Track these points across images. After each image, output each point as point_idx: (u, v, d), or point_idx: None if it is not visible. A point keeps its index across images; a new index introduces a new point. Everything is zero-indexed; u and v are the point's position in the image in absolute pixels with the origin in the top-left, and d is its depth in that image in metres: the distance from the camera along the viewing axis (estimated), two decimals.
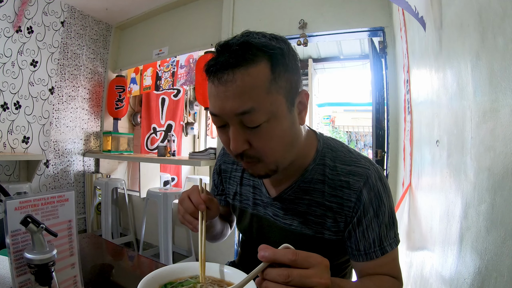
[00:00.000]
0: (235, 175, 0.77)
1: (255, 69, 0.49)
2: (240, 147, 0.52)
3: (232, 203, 0.78)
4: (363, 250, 0.59)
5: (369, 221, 0.58)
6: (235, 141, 0.51)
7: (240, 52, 0.49)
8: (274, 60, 0.50)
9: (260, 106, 0.49)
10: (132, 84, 3.10)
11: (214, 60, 0.51)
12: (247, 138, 0.52)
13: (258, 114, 0.49)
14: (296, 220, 0.64)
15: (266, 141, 0.52)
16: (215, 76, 0.50)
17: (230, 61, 0.48)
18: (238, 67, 0.48)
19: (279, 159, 0.55)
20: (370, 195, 0.58)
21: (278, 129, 0.52)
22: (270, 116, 0.50)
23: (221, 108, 0.50)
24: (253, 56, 0.49)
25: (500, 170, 0.44)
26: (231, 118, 0.50)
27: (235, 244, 2.24)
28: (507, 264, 0.41)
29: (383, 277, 0.58)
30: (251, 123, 0.50)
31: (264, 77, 0.49)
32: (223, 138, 0.56)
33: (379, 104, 1.95)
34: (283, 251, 0.39)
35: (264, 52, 0.50)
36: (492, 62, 0.47)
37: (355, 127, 7.87)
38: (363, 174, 0.59)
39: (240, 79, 0.48)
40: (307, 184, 0.63)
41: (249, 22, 2.31)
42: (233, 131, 0.51)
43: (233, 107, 0.49)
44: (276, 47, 0.51)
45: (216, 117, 0.53)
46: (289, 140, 0.55)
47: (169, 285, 0.53)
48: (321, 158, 0.63)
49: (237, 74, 0.48)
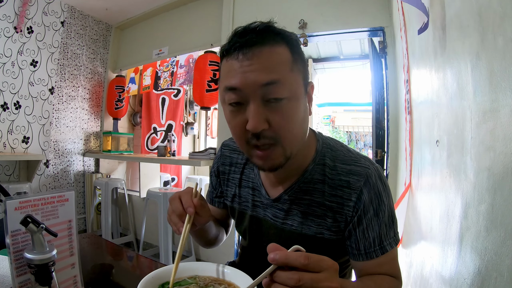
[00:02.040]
0: (233, 177, 0.76)
1: (279, 48, 0.51)
2: (260, 125, 0.50)
3: (230, 205, 0.76)
4: (363, 250, 0.58)
5: (369, 220, 0.58)
6: (255, 118, 0.50)
7: (265, 33, 0.52)
8: (292, 45, 0.53)
9: (285, 80, 0.50)
10: (131, 83, 3.10)
11: (235, 41, 0.52)
12: (266, 117, 0.51)
13: (283, 87, 0.50)
14: (297, 221, 0.63)
15: (286, 119, 0.52)
16: (240, 51, 0.50)
17: (255, 39, 0.50)
18: (265, 44, 0.50)
19: (294, 142, 0.55)
20: (370, 195, 0.58)
21: (297, 110, 0.53)
22: (291, 94, 0.51)
23: (244, 80, 0.50)
24: (276, 37, 0.52)
25: (500, 170, 0.44)
26: (254, 91, 0.50)
27: (235, 244, 2.24)
28: (507, 264, 0.41)
29: (383, 277, 0.58)
30: (275, 94, 0.50)
31: (287, 56, 0.52)
32: (237, 122, 0.53)
33: (379, 104, 1.95)
34: (295, 254, 0.38)
35: (283, 37, 0.53)
36: (492, 62, 0.47)
37: (355, 127, 7.87)
38: (363, 173, 0.59)
39: (267, 54, 0.50)
40: (307, 184, 0.63)
41: (249, 22, 2.30)
42: (254, 108, 0.50)
43: (259, 78, 0.49)
44: (292, 35, 0.55)
45: (236, 91, 0.51)
46: (303, 126, 0.56)
47: (166, 285, 0.53)
48: (320, 158, 0.63)
49: (264, 49, 0.50)
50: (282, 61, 0.51)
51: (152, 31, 3.07)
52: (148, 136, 3.30)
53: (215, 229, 0.78)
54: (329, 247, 0.62)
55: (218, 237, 0.81)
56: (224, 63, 0.54)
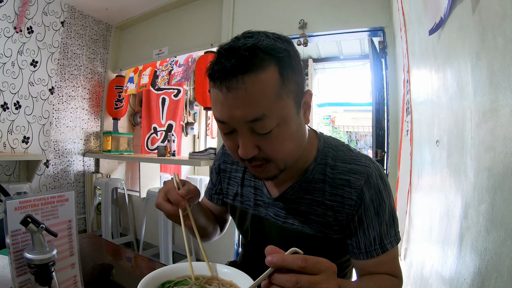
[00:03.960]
0: (235, 175, 0.76)
1: (264, 75, 0.47)
2: (250, 153, 0.51)
3: (232, 203, 0.76)
4: (364, 248, 0.59)
5: (370, 219, 0.58)
6: (244, 147, 0.51)
7: (249, 57, 0.46)
8: (281, 63, 0.49)
9: (271, 112, 0.48)
10: (129, 83, 3.10)
11: (219, 65, 0.48)
12: (256, 143, 0.51)
13: (269, 120, 0.48)
14: (298, 220, 0.63)
15: (276, 145, 0.51)
16: (222, 83, 0.47)
17: (238, 67, 0.46)
18: (247, 73, 0.46)
19: (288, 159, 0.55)
20: (370, 193, 0.58)
21: (288, 133, 0.52)
22: (280, 121, 0.50)
23: (230, 116, 0.49)
24: (262, 61, 0.47)
25: (500, 170, 0.44)
26: (241, 125, 0.50)
27: (235, 244, 2.24)
28: (507, 264, 0.41)
29: (384, 276, 0.58)
30: (262, 129, 0.49)
31: (274, 82, 0.48)
32: (230, 144, 0.55)
33: (379, 104, 1.95)
34: (292, 257, 0.38)
35: (271, 56, 0.48)
36: (492, 62, 0.47)
37: (355, 127, 7.87)
38: (363, 172, 0.59)
39: (250, 86, 0.46)
40: (308, 183, 0.63)
41: (249, 22, 2.31)
42: (242, 138, 0.51)
43: (243, 115, 0.48)
44: (282, 50, 0.49)
45: (224, 124, 0.51)
46: (298, 141, 0.55)
47: (167, 284, 0.53)
48: (322, 157, 0.63)
49: (247, 80, 0.46)
50: (267, 91, 0.47)
51: (152, 31, 3.07)
52: (148, 136, 3.30)
53: (207, 222, 0.76)
54: (330, 246, 0.62)
55: (209, 230, 0.78)
56: (211, 88, 0.52)
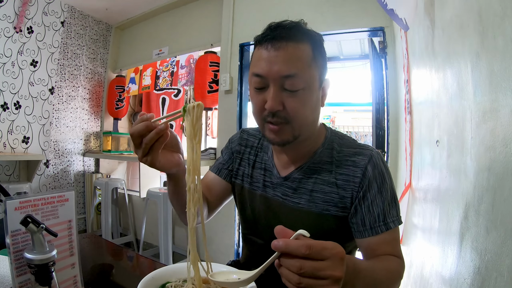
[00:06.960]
0: (248, 157, 0.81)
1: (302, 46, 0.59)
2: (276, 106, 0.59)
3: (240, 184, 0.80)
4: (369, 225, 0.63)
5: (374, 196, 0.63)
6: (273, 100, 0.59)
7: (293, 31, 0.60)
8: (314, 44, 0.61)
9: (302, 75, 0.58)
10: (131, 83, 3.10)
11: (269, 32, 0.60)
12: (283, 100, 0.59)
13: (299, 81, 0.58)
14: (304, 199, 0.68)
15: (299, 105, 0.60)
16: (270, 42, 0.59)
17: (285, 35, 0.59)
18: (291, 40, 0.58)
19: (303, 125, 0.63)
20: (374, 172, 0.64)
21: (309, 99, 0.61)
22: (306, 85, 0.59)
23: (269, 69, 0.58)
24: (302, 35, 0.60)
25: (500, 170, 0.44)
26: (275, 79, 0.58)
27: (235, 244, 2.24)
28: (507, 264, 0.41)
29: (388, 257, 0.61)
30: (291, 86, 0.58)
31: (307, 54, 0.60)
32: (258, 100, 0.62)
33: (379, 104, 1.95)
34: (296, 243, 0.38)
35: (308, 36, 0.61)
36: (492, 62, 0.47)
37: (355, 127, 7.86)
38: (367, 154, 0.66)
39: (292, 49, 0.58)
40: (316, 164, 0.69)
41: (249, 22, 2.31)
42: (273, 92, 0.59)
43: (280, 69, 0.58)
44: (316, 34, 0.63)
45: (260, 78, 0.60)
46: (314, 113, 0.65)
47: (167, 284, 0.53)
48: (329, 143, 0.71)
49: (290, 45, 0.58)
50: (302, 57, 0.59)
51: (152, 31, 3.07)
52: None
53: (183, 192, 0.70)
54: (335, 225, 0.65)
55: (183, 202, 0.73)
56: (256, 51, 0.63)
